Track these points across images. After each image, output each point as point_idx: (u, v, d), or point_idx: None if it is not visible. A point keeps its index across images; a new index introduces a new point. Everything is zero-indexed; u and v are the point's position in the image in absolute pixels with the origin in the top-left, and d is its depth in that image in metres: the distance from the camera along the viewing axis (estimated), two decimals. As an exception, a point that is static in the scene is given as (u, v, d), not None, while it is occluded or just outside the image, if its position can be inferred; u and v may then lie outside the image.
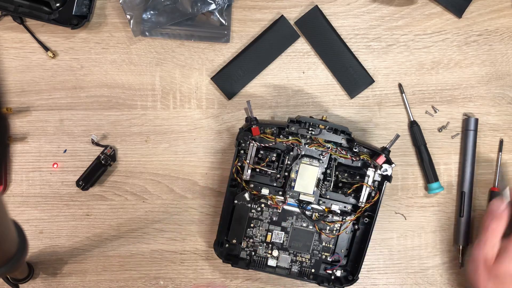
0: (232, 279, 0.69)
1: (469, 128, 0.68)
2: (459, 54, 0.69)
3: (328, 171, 0.64)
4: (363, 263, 0.63)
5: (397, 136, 0.62)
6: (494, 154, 0.69)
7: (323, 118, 0.63)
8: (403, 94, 0.68)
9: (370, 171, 0.62)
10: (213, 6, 0.67)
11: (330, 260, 0.65)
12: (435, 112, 0.69)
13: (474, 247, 0.60)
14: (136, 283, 0.69)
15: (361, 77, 0.68)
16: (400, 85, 0.68)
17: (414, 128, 0.68)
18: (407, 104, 0.68)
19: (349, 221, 0.64)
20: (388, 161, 0.61)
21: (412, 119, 0.68)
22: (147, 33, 0.68)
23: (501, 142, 0.69)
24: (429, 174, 0.68)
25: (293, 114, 0.69)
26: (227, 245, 0.65)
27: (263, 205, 0.65)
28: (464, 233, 0.68)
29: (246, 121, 0.63)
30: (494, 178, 0.69)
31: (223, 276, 0.69)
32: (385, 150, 0.61)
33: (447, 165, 0.69)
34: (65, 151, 0.69)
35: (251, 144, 0.62)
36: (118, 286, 0.69)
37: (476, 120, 0.68)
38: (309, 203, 0.64)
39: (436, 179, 0.68)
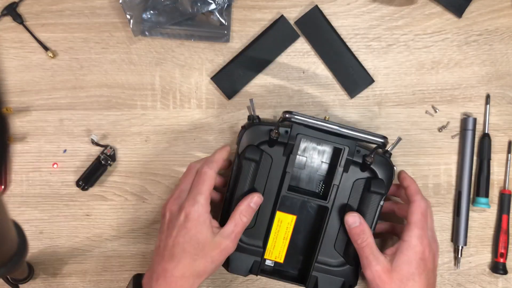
0: (232, 279, 0.69)
1: (467, 127, 0.68)
2: (459, 54, 0.69)
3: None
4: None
5: (399, 139, 0.61)
6: (494, 154, 0.69)
7: (326, 118, 0.62)
8: (488, 105, 0.68)
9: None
10: (213, 6, 0.67)
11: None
12: (435, 112, 0.69)
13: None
14: (136, 283, 0.69)
15: (361, 77, 0.68)
16: (488, 96, 0.68)
17: (485, 140, 0.68)
18: (488, 115, 0.68)
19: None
20: (389, 164, 0.61)
21: (486, 131, 0.68)
22: (147, 33, 0.68)
23: (510, 143, 0.69)
24: (483, 188, 0.68)
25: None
26: None
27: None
28: (462, 233, 0.68)
29: (248, 119, 0.62)
30: (504, 179, 0.69)
31: (223, 277, 0.69)
32: (386, 153, 0.61)
33: (447, 165, 0.69)
34: (65, 151, 0.69)
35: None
36: (118, 286, 0.69)
37: (475, 120, 0.68)
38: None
39: (487, 195, 0.68)
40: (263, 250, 0.61)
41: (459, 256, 0.68)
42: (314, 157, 0.61)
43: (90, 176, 0.67)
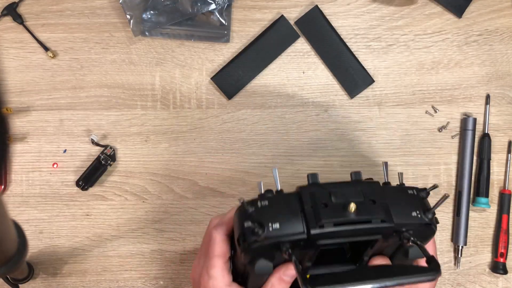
0: (232, 279, 0.69)
1: (467, 127, 0.68)
2: (459, 54, 0.69)
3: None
4: None
5: (446, 197, 0.43)
6: (494, 154, 0.69)
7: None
8: (487, 105, 0.68)
9: None
10: (213, 6, 0.67)
11: None
12: (435, 112, 0.69)
13: None
14: (136, 283, 0.69)
15: (361, 77, 0.68)
16: (488, 96, 0.68)
17: (485, 140, 0.68)
18: (488, 115, 0.68)
19: None
20: (432, 230, 0.44)
21: (486, 132, 0.68)
22: (147, 33, 0.68)
23: (510, 143, 0.69)
24: (483, 188, 0.68)
25: (293, 114, 0.68)
26: None
27: None
28: (462, 232, 0.68)
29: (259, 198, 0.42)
30: (504, 179, 0.69)
31: (223, 276, 0.69)
32: (428, 212, 0.43)
33: (447, 165, 0.69)
34: (65, 151, 0.69)
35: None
36: (118, 286, 0.69)
37: (475, 120, 0.68)
38: None
39: (487, 195, 0.68)
40: None
41: (459, 256, 0.68)
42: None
43: (90, 176, 0.67)
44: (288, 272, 0.45)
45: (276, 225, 0.39)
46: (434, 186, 0.45)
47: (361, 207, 0.40)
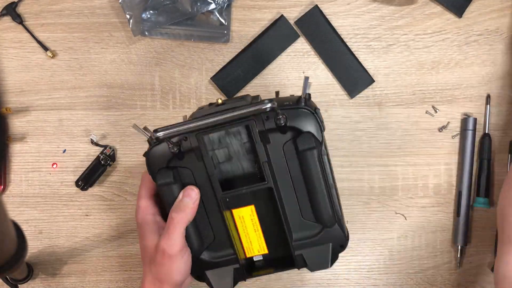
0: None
1: (467, 128, 0.68)
2: (459, 54, 0.69)
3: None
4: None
5: (307, 79, 0.51)
6: (494, 154, 0.69)
7: (218, 102, 0.53)
8: (488, 105, 0.68)
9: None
10: (212, 6, 0.67)
11: None
12: (436, 112, 0.69)
13: None
14: (136, 283, 0.69)
15: (361, 77, 0.68)
16: (488, 96, 0.68)
17: (485, 140, 0.68)
18: (488, 115, 0.68)
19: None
20: (307, 111, 0.52)
21: (487, 132, 0.68)
22: (146, 33, 0.68)
23: (510, 143, 0.69)
24: (483, 188, 0.67)
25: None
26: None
27: None
28: (462, 233, 0.67)
29: (148, 142, 0.53)
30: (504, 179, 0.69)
31: (223, 277, 0.69)
32: (300, 101, 0.52)
33: (447, 165, 0.69)
34: (65, 151, 0.69)
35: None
36: (118, 286, 0.69)
37: (475, 120, 0.68)
38: None
39: (487, 195, 0.68)
40: (237, 255, 0.56)
41: (459, 256, 0.68)
42: (233, 142, 0.54)
43: (90, 176, 0.67)
44: (186, 193, 0.53)
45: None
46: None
47: (228, 101, 0.53)
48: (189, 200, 0.52)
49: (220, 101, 0.52)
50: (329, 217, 0.54)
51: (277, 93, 0.55)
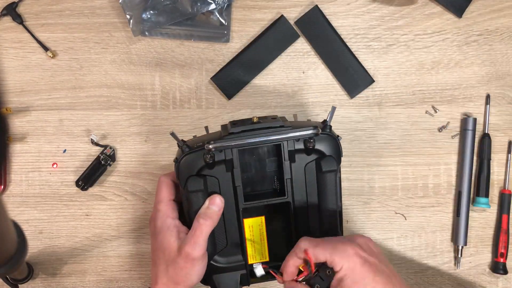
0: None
1: (467, 127, 0.68)
2: (459, 54, 0.69)
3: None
4: None
5: (334, 109, 0.57)
6: (494, 154, 0.69)
7: (254, 120, 0.56)
8: (487, 105, 0.68)
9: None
10: (213, 6, 0.67)
11: None
12: (435, 112, 0.69)
13: None
14: (136, 283, 0.69)
15: (361, 77, 0.68)
16: (488, 96, 0.68)
17: (485, 140, 0.68)
18: (488, 115, 0.68)
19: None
20: (332, 138, 0.57)
21: (486, 131, 0.68)
22: (146, 33, 0.68)
23: (510, 143, 0.69)
24: (483, 187, 0.68)
25: (293, 114, 0.68)
26: None
27: None
28: (462, 233, 0.68)
29: (178, 146, 0.56)
30: (504, 179, 0.69)
31: (223, 276, 0.69)
32: (326, 128, 0.57)
33: (447, 165, 0.69)
34: (65, 151, 0.69)
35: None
36: (118, 286, 0.69)
37: (475, 120, 0.68)
38: None
39: (487, 195, 0.68)
40: (245, 262, 0.59)
41: (459, 256, 0.68)
42: (260, 157, 0.58)
43: (90, 176, 0.67)
44: (213, 201, 0.55)
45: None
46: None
47: (262, 119, 0.56)
48: (215, 208, 0.55)
49: (255, 120, 0.56)
50: (336, 233, 0.58)
51: (295, 116, 0.62)
